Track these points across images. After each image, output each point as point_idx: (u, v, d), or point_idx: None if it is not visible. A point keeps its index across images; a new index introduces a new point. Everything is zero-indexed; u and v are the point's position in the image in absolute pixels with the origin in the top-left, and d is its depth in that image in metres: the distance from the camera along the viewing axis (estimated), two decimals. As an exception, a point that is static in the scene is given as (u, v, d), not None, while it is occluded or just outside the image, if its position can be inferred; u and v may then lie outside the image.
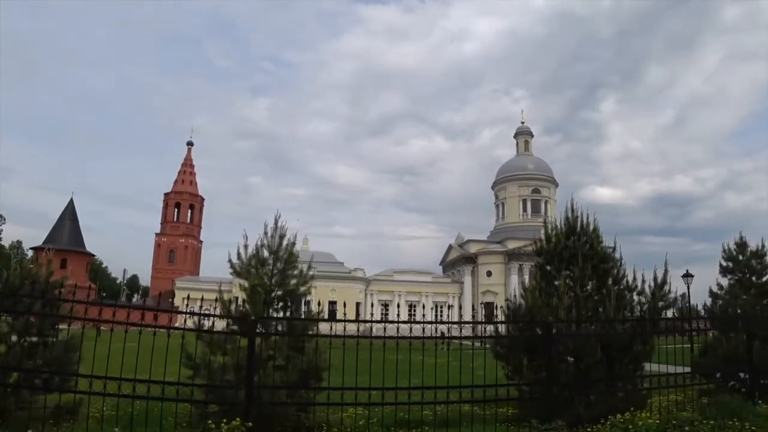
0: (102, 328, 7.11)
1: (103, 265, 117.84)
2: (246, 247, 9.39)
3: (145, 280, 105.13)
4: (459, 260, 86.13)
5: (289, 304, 8.86)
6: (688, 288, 22.48)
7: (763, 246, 11.63)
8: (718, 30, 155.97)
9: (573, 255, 9.54)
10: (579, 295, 8.88)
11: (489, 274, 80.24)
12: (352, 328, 7.79)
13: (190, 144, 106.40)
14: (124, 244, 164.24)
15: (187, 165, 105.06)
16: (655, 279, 9.37)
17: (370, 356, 6.88)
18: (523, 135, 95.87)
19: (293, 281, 8.98)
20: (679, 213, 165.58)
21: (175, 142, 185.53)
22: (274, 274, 8.91)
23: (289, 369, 7.71)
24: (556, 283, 9.42)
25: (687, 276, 23.64)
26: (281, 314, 8.67)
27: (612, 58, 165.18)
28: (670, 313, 9.40)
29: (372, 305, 79.25)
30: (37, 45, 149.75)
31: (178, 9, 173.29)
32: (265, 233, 9.28)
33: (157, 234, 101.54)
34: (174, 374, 7.06)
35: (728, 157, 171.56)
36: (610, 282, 9.37)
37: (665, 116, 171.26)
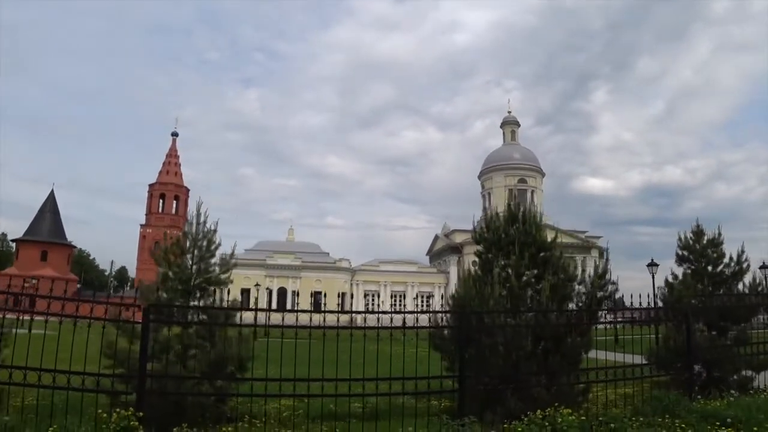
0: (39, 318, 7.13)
1: (91, 257, 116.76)
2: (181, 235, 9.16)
3: (133, 272, 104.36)
4: (445, 250, 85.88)
5: (211, 292, 8.54)
6: (653, 277, 22.18)
7: (719, 234, 11.26)
8: (708, 21, 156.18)
9: (512, 243, 9.14)
10: (514, 284, 8.49)
11: (475, 264, 79.87)
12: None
13: (174, 135, 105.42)
14: (113, 237, 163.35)
15: (172, 156, 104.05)
16: (595, 269, 9.00)
17: (294, 346, 6.62)
18: (509, 125, 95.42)
19: (215, 269, 8.65)
20: (669, 203, 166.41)
21: (164, 133, 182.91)
22: (194, 262, 8.56)
23: (198, 358, 7.43)
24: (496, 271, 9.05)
25: (652, 265, 23.31)
26: (201, 303, 8.34)
27: (602, 49, 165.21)
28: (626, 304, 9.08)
29: (352, 296, 79.01)
30: (25, 36, 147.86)
31: (168, 0, 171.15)
32: (189, 221, 8.98)
33: (141, 225, 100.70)
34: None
35: (718, 148, 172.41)
36: (551, 272, 8.96)
37: (655, 107, 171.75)
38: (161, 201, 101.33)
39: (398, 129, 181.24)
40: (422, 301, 76.06)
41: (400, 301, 79.99)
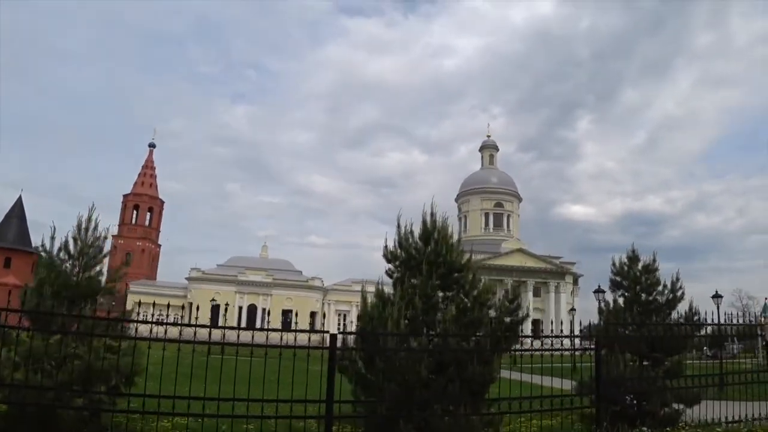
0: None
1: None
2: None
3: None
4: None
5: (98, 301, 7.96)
6: (600, 303, 21.68)
7: (654, 260, 10.80)
8: (691, 55, 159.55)
9: (428, 262, 8.57)
10: (417, 306, 7.90)
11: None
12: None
13: (152, 146, 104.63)
14: None
15: (148, 167, 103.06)
16: (506, 292, 8.46)
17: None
18: (488, 149, 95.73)
19: (99, 277, 8.12)
20: (649, 232, 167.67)
21: (146, 144, 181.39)
22: (78, 268, 7.97)
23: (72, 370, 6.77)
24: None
25: (598, 291, 22.90)
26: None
27: (588, 78, 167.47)
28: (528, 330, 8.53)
29: (324, 315, 78.04)
30: (14, 38, 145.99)
31: (163, 11, 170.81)
32: (78, 226, 8.37)
33: (113, 236, 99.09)
34: None
35: (698, 178, 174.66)
36: (461, 294, 8.39)
37: (638, 137, 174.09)
38: (135, 212, 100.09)
39: (384, 150, 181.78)
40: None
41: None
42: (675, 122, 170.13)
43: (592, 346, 8.93)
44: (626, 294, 10.71)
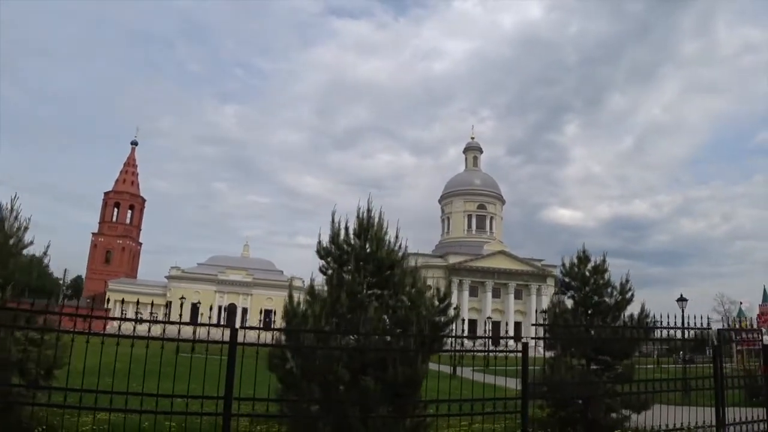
0: None
1: (44, 264, 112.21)
2: None
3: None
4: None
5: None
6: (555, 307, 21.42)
7: (604, 261, 10.54)
8: (678, 63, 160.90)
9: (357, 258, 8.25)
10: (343, 302, 7.56)
11: (428, 288, 79.18)
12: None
13: (134, 144, 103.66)
14: (78, 245, 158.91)
15: (130, 165, 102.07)
16: (436, 291, 8.15)
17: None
18: (472, 150, 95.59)
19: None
20: (636, 236, 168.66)
21: (140, 142, 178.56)
22: None
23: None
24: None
25: (558, 293, 22.63)
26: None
27: (576, 83, 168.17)
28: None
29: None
30: (4, 37, 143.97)
31: (152, 10, 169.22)
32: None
33: (94, 234, 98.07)
34: None
35: (684, 184, 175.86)
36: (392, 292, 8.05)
37: (625, 142, 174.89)
38: (116, 209, 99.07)
39: (373, 151, 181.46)
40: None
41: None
42: (662, 128, 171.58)
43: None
44: (575, 295, 10.44)
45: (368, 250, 8.08)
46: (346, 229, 8.56)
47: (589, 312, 10.21)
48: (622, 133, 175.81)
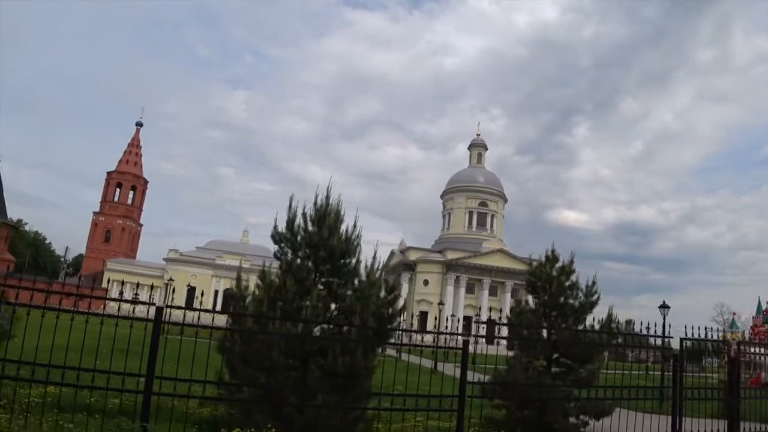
0: None
1: (47, 242, 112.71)
2: None
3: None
4: (398, 266, 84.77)
5: None
6: (511, 310, 21.09)
7: (571, 262, 10.26)
8: (691, 70, 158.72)
9: (309, 245, 8.02)
10: (290, 289, 7.35)
11: (426, 282, 78.96)
12: None
13: (139, 125, 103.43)
14: (82, 223, 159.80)
15: (134, 145, 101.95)
16: (385, 283, 7.94)
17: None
18: (476, 147, 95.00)
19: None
20: (641, 242, 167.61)
21: (146, 123, 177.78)
22: None
23: None
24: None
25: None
26: None
27: (588, 86, 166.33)
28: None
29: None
30: (13, 16, 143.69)
31: None
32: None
33: (95, 213, 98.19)
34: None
35: (691, 192, 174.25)
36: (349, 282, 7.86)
37: (634, 147, 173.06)
38: (118, 189, 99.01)
39: (381, 144, 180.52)
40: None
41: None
42: (672, 134, 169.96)
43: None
44: (539, 296, 10.18)
45: (321, 237, 7.87)
46: (304, 215, 8.36)
47: (552, 314, 9.95)
48: (632, 138, 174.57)
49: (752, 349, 11.03)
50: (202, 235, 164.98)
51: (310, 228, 8.23)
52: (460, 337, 7.72)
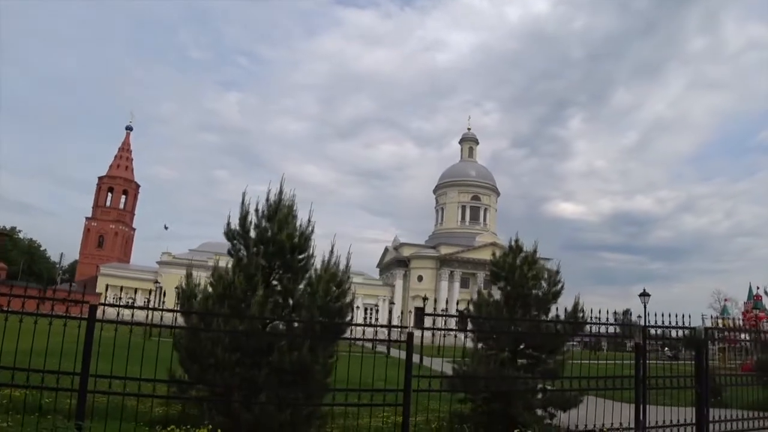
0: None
1: (42, 249, 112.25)
2: None
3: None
4: (393, 263, 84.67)
5: None
6: (469, 303, 20.87)
7: (535, 252, 10.06)
8: (683, 59, 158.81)
9: (261, 241, 7.89)
10: (238, 285, 7.22)
11: (420, 278, 78.91)
12: None
13: (128, 129, 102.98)
14: (77, 230, 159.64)
15: (124, 150, 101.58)
16: (332, 277, 7.76)
17: None
18: (467, 141, 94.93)
19: None
20: (638, 231, 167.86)
21: (138, 127, 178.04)
22: None
23: None
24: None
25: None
26: None
27: (581, 78, 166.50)
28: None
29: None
30: (4, 20, 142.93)
31: None
32: None
33: (87, 218, 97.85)
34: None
35: (687, 180, 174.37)
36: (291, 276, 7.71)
37: (629, 138, 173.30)
38: (109, 194, 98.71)
39: (376, 142, 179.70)
40: (368, 313, 74.57)
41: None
42: (666, 124, 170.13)
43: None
44: (502, 286, 9.98)
45: (272, 233, 7.76)
46: (257, 211, 8.24)
47: (516, 304, 9.75)
48: (626, 129, 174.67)
49: (722, 335, 10.83)
50: (198, 238, 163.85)
51: (263, 224, 8.08)
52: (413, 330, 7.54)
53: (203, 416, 6.67)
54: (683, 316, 9.52)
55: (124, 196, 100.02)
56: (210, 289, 7.76)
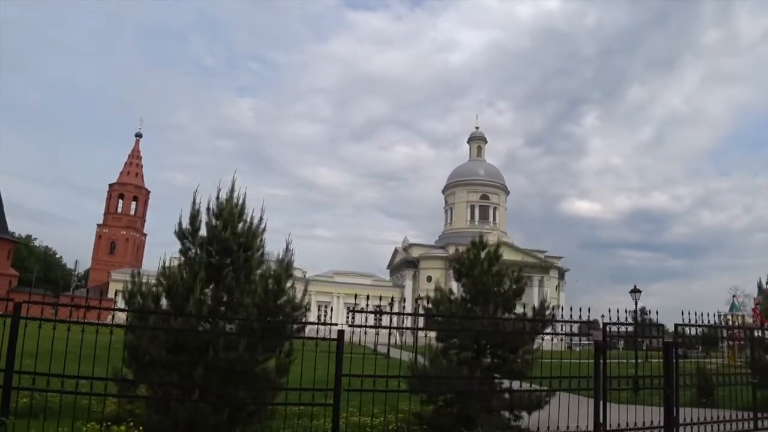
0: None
1: (57, 256, 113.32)
2: None
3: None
4: (402, 264, 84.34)
5: None
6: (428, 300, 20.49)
7: (497, 248, 9.70)
8: (698, 52, 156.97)
9: (209, 239, 7.80)
10: (180, 282, 7.23)
11: (429, 279, 78.36)
12: None
13: (138, 136, 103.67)
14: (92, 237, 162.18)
15: (134, 157, 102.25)
16: (273, 273, 7.60)
17: None
18: (476, 140, 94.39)
19: None
20: (656, 228, 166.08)
21: (153, 135, 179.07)
22: None
23: None
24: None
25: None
26: None
27: (594, 74, 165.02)
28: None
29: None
30: (19, 32, 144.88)
31: (166, 4, 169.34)
32: None
33: (98, 225, 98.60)
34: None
35: (704, 175, 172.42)
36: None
37: (644, 133, 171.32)
38: (120, 201, 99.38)
39: (390, 143, 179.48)
40: (375, 316, 74.14)
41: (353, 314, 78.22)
42: (681, 119, 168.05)
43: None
44: (465, 284, 9.64)
45: (219, 231, 7.71)
46: (208, 210, 8.11)
47: (475, 301, 9.42)
48: (641, 124, 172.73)
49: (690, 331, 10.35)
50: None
51: (213, 222, 7.99)
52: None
53: (150, 416, 6.67)
54: (689, 313, 9.35)
55: (134, 203, 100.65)
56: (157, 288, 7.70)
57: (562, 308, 10.04)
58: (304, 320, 7.67)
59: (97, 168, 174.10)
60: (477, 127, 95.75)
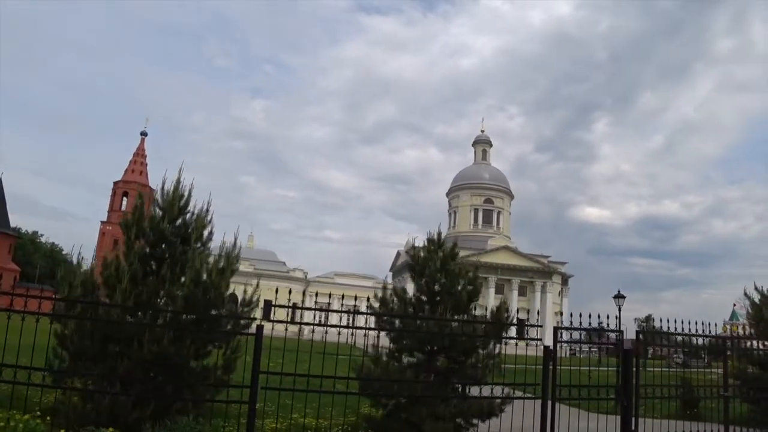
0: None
1: (64, 252, 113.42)
2: None
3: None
4: (404, 266, 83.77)
5: None
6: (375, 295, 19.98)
7: (454, 247, 9.28)
8: (711, 60, 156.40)
9: (151, 232, 7.69)
10: (113, 275, 7.20)
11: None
12: None
13: (143, 134, 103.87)
14: None
15: (139, 155, 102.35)
16: (204, 268, 7.32)
17: None
18: (481, 144, 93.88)
19: None
20: (666, 236, 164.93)
21: (169, 135, 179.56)
22: None
23: None
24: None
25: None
26: None
27: (605, 81, 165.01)
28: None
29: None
30: (35, 30, 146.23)
31: (181, 5, 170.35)
32: None
33: (102, 222, 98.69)
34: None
35: (715, 184, 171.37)
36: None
37: (655, 141, 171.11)
38: (125, 199, 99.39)
39: (400, 147, 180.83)
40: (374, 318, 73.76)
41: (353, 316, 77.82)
42: (693, 126, 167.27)
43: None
44: (421, 284, 9.24)
45: (156, 223, 7.64)
46: (156, 202, 8.05)
47: (426, 302, 9.03)
48: (653, 132, 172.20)
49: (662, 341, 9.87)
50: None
51: (157, 213, 7.92)
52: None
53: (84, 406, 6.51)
54: (688, 322, 9.18)
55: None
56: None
57: (562, 314, 9.60)
58: (223, 315, 7.41)
59: (110, 166, 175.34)
60: (482, 131, 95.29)
